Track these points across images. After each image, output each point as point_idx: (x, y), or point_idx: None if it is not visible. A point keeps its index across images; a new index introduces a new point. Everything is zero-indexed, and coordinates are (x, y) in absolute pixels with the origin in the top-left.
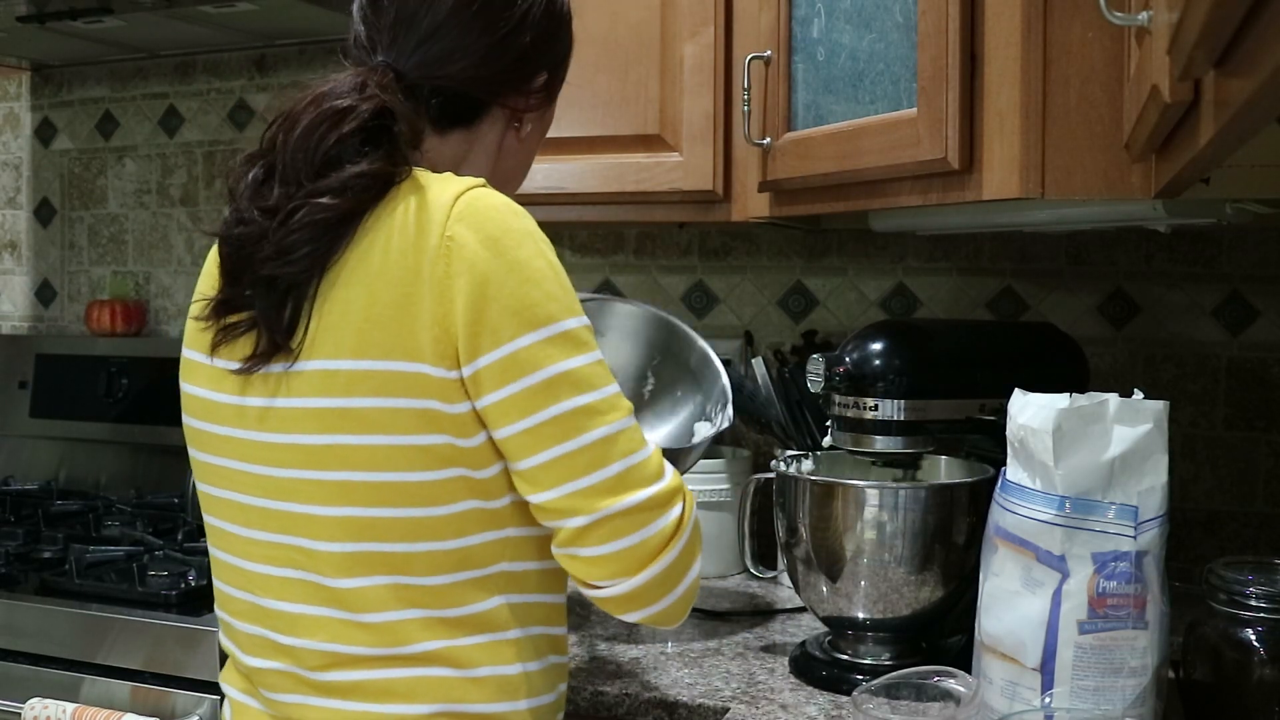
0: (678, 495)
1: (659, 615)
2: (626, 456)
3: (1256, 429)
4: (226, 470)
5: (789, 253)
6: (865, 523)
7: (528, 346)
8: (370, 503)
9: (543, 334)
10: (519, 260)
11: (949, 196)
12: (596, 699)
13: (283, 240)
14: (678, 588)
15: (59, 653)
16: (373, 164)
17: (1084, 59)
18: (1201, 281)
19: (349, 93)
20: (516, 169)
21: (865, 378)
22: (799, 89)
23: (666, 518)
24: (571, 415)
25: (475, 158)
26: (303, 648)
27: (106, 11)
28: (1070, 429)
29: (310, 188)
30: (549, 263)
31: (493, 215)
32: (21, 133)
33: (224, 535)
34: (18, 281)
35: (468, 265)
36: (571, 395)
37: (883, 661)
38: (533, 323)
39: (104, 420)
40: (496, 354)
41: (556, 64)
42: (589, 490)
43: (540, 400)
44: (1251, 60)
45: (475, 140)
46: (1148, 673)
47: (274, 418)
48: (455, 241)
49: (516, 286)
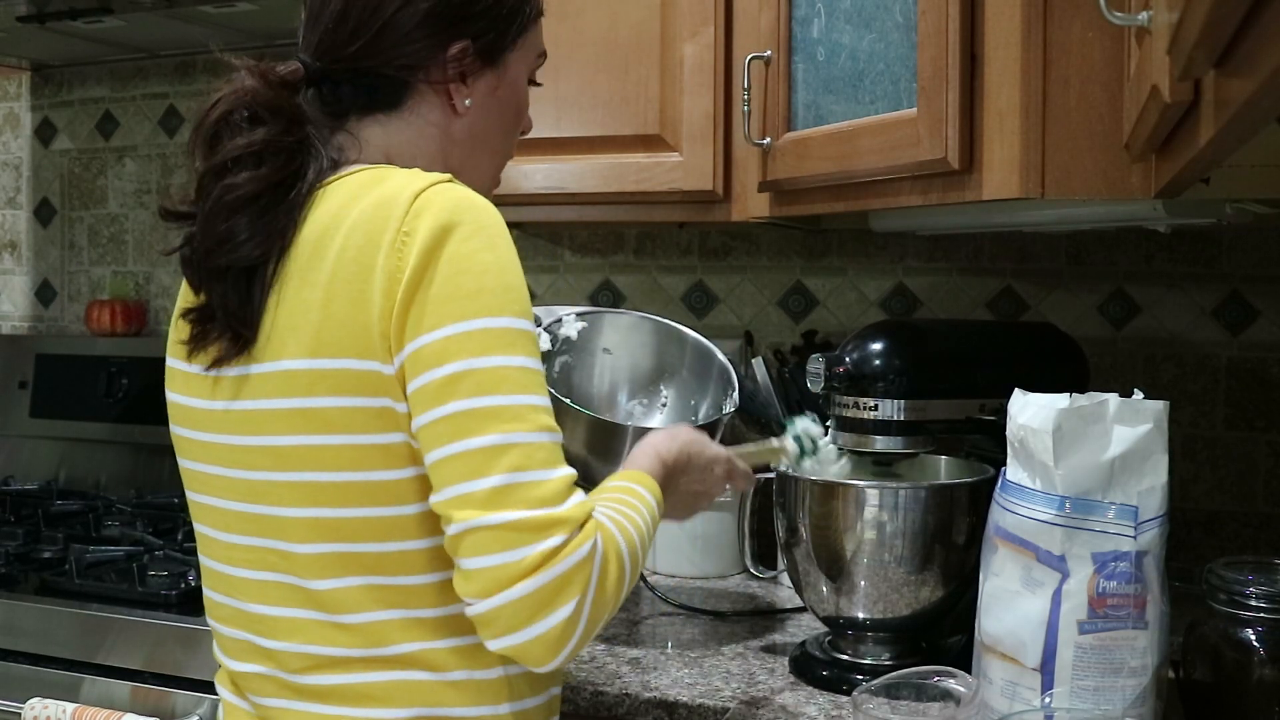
0: (564, 527)
1: (518, 649)
2: (514, 471)
3: (1256, 429)
4: (206, 475)
5: (789, 253)
6: (865, 523)
7: (444, 338)
8: (338, 503)
9: (463, 327)
10: (460, 253)
11: (949, 196)
12: (596, 699)
13: (216, 228)
14: (540, 623)
15: (59, 653)
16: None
17: (1084, 59)
18: (1201, 281)
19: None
20: (479, 152)
21: (865, 378)
22: (799, 89)
23: (538, 545)
24: (467, 415)
25: (421, 143)
26: (284, 650)
27: (106, 11)
28: (1070, 429)
29: (204, 168)
30: (496, 258)
31: (450, 209)
32: (21, 133)
33: (208, 541)
34: (18, 281)
35: (414, 256)
36: (473, 395)
37: (883, 661)
38: (455, 315)
39: (104, 420)
40: (416, 343)
41: (485, 29)
42: (464, 498)
43: (442, 394)
44: (1251, 60)
45: (413, 124)
46: (1148, 673)
47: (243, 420)
48: (410, 236)
49: (449, 277)
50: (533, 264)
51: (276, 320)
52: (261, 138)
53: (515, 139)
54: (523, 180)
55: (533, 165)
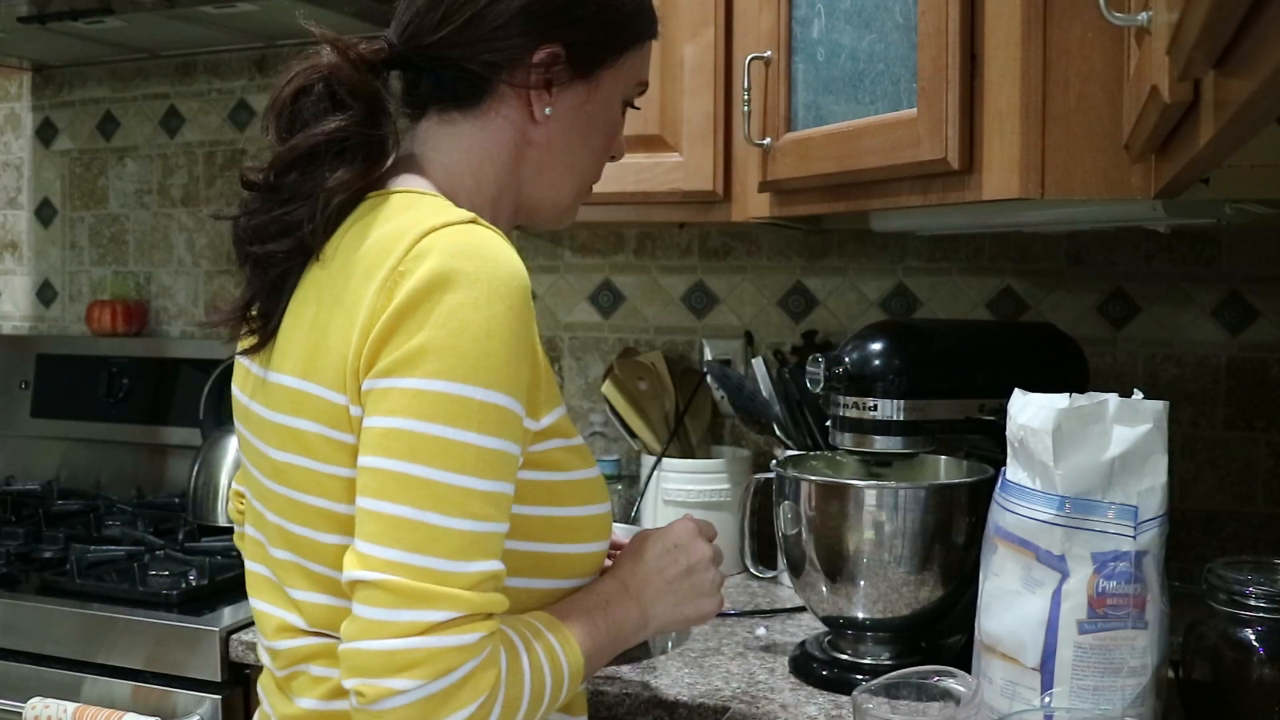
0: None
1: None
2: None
3: (1256, 429)
4: (247, 453)
5: (789, 253)
6: (865, 523)
7: (398, 389)
8: (303, 522)
9: (418, 384)
10: (446, 305)
11: (949, 197)
12: (596, 699)
13: (281, 214)
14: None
15: (60, 652)
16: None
17: (1084, 59)
18: (1201, 281)
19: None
20: (555, 167)
21: (865, 378)
22: (799, 89)
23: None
24: (389, 477)
25: (493, 148)
26: (269, 647)
27: (107, 12)
28: (1070, 429)
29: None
30: (484, 319)
31: (450, 254)
32: (22, 133)
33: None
34: (19, 282)
35: (400, 297)
36: (402, 457)
37: (883, 661)
38: (417, 369)
39: (105, 420)
40: (373, 383)
41: (581, 38)
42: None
43: (376, 444)
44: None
45: (487, 127)
46: (1147, 672)
47: (257, 423)
48: (404, 278)
49: (426, 328)
50: (533, 264)
51: (285, 328)
52: (346, 126)
53: (603, 161)
54: None
55: None
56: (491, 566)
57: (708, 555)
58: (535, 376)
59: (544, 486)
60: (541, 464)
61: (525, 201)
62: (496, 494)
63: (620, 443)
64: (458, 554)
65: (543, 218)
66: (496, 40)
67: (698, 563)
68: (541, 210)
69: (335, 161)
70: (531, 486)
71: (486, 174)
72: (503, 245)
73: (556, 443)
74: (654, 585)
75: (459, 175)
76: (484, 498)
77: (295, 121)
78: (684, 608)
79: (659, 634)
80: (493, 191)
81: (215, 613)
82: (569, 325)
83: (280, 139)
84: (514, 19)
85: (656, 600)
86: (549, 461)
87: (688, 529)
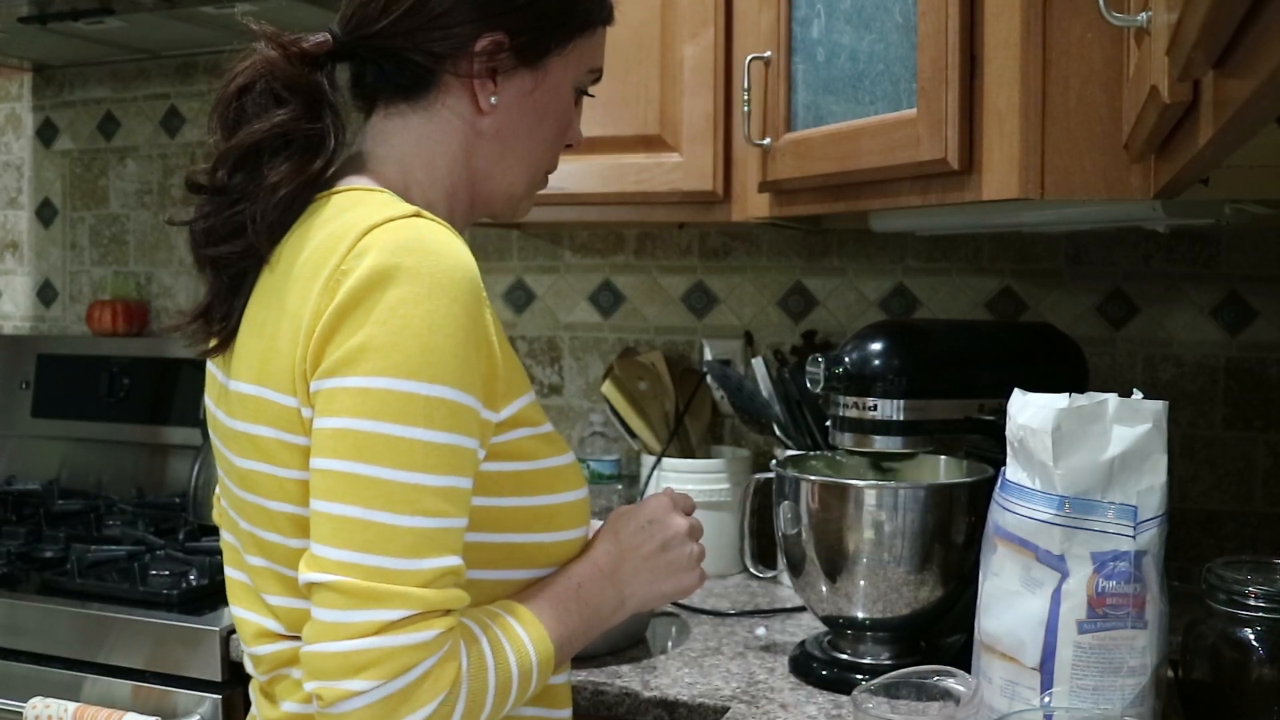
0: (408, 603)
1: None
2: (365, 552)
3: (1255, 429)
4: (219, 474)
5: (789, 253)
6: (865, 522)
7: (343, 389)
8: (271, 528)
9: (362, 382)
10: (389, 301)
11: (949, 197)
12: (597, 698)
13: (230, 214)
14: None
15: (60, 652)
16: (283, 118)
17: (1083, 60)
18: (1200, 281)
19: (246, 66)
20: (507, 157)
21: (865, 378)
22: (799, 89)
23: (374, 614)
24: (338, 477)
25: (443, 140)
26: (254, 654)
27: (108, 12)
28: (1069, 429)
29: (225, 146)
30: (427, 313)
31: (393, 250)
32: (23, 133)
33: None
34: (19, 282)
35: (341, 295)
36: (350, 457)
37: (882, 661)
38: (361, 367)
39: (105, 420)
40: (319, 384)
41: (524, 26)
42: (316, 558)
43: (326, 446)
44: (1250, 61)
45: (435, 119)
46: (1147, 672)
47: (224, 432)
48: (346, 276)
49: (368, 325)
50: (533, 264)
51: (242, 334)
52: (284, 121)
53: (557, 151)
54: None
55: None
56: (447, 562)
57: (683, 529)
58: (491, 368)
59: (513, 477)
60: (508, 454)
61: (480, 193)
62: (450, 489)
63: (620, 443)
64: (410, 552)
65: (499, 209)
66: (438, 29)
67: (673, 537)
68: (496, 201)
69: (275, 158)
70: (499, 478)
71: (439, 166)
72: (448, 238)
73: (523, 432)
74: (629, 563)
75: (410, 169)
76: (437, 493)
77: (239, 120)
78: (662, 584)
79: (639, 612)
80: (447, 184)
81: (215, 612)
82: (569, 325)
83: (225, 138)
84: (456, 7)
85: (633, 578)
86: (516, 451)
87: (661, 503)
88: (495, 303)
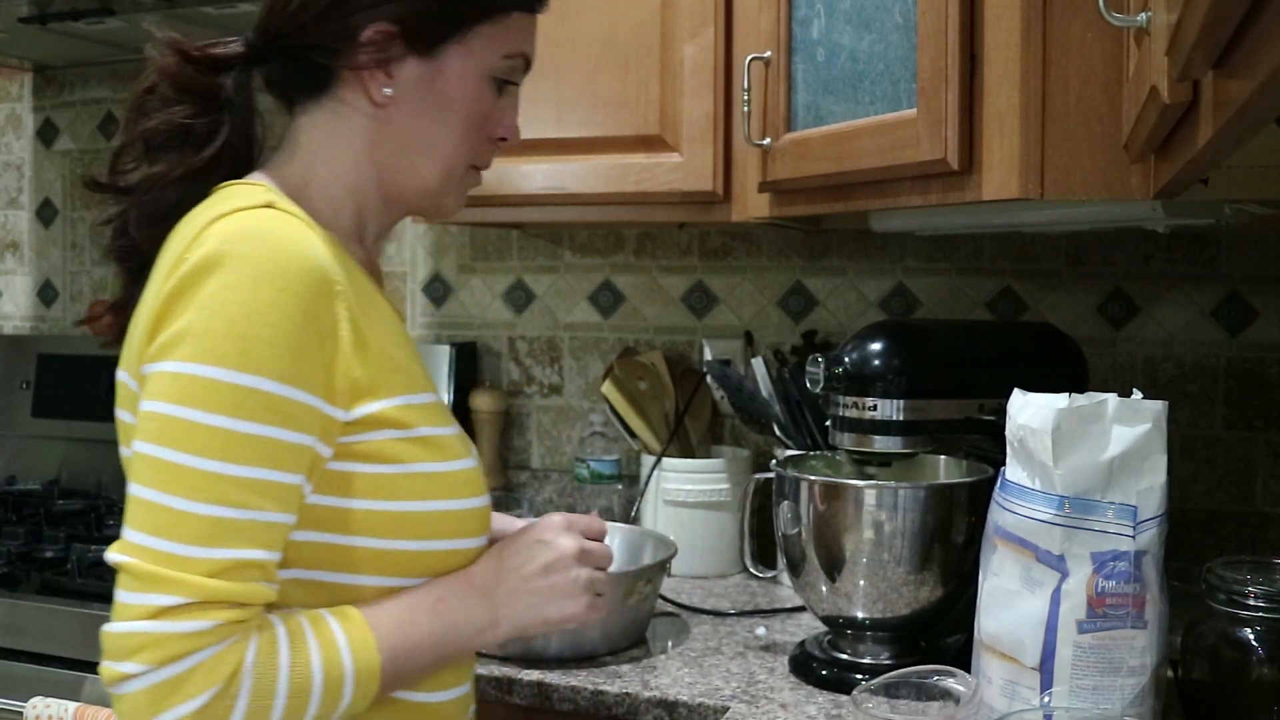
0: (184, 590)
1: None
2: (152, 535)
3: (1255, 429)
4: None
5: (789, 253)
6: (864, 522)
7: (157, 373)
8: None
9: (173, 367)
10: (213, 288)
11: (949, 197)
12: (597, 698)
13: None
14: (130, 683)
15: (61, 652)
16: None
17: (1083, 60)
18: (1201, 282)
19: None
20: (411, 152)
21: (865, 378)
22: (799, 90)
23: (147, 597)
24: (140, 460)
25: (345, 137)
26: None
27: (108, 12)
28: (1069, 429)
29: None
30: (247, 300)
31: (226, 240)
32: (23, 134)
33: None
34: (20, 282)
35: (173, 282)
36: (152, 440)
37: (882, 661)
38: (175, 352)
39: (106, 420)
40: (144, 369)
41: (413, 14)
42: (120, 539)
43: (138, 429)
44: (1250, 61)
45: (336, 115)
46: (1146, 672)
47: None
48: (182, 264)
49: (189, 311)
50: (533, 264)
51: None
52: (174, 117)
53: (470, 143)
54: (523, 180)
55: (533, 166)
56: (245, 555)
57: (570, 551)
58: (334, 364)
59: (371, 479)
60: (364, 456)
61: (391, 188)
62: (260, 481)
63: (620, 443)
64: (198, 539)
65: (417, 205)
66: (329, 24)
67: (557, 560)
68: (410, 197)
69: (166, 153)
70: (354, 479)
71: (341, 163)
72: (291, 230)
73: (387, 434)
74: (507, 582)
75: (312, 166)
76: (240, 484)
77: (139, 119)
78: (543, 608)
79: (517, 636)
80: (351, 180)
81: None
82: (569, 325)
83: (127, 133)
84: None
85: (510, 598)
86: (375, 453)
87: (553, 523)
88: (495, 302)
